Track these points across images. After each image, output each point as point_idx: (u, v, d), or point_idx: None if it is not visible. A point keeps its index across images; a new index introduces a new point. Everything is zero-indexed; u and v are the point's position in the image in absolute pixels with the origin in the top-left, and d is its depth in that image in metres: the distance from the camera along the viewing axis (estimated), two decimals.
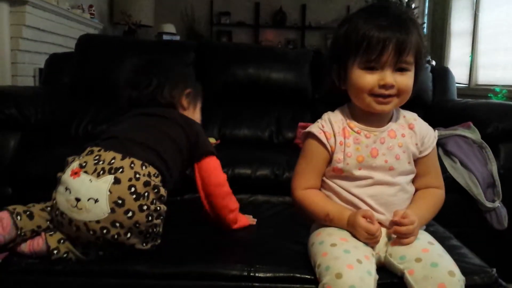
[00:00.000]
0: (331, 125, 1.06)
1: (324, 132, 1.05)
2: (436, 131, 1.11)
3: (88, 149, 1.08)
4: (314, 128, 1.07)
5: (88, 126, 2.40)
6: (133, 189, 0.98)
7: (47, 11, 3.55)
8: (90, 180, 0.99)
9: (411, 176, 1.08)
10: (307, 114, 2.58)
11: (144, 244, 1.04)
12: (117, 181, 0.98)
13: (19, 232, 1.03)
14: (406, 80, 0.99)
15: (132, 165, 1.02)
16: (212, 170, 1.18)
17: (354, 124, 1.06)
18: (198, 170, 1.19)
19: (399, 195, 1.05)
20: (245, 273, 1.01)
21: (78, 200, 0.98)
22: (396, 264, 0.95)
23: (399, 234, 0.97)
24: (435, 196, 1.09)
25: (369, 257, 0.95)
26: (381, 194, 1.03)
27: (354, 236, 1.00)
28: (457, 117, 2.15)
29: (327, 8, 6.49)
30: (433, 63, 4.29)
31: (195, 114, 1.32)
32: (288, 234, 1.21)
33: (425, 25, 5.19)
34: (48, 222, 1.07)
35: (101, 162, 1.02)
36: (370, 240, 0.98)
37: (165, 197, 1.05)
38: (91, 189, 0.98)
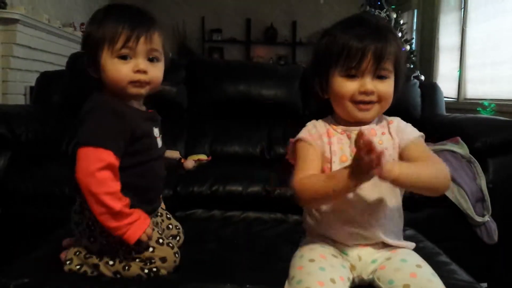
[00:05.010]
0: (316, 129, 1.10)
1: (311, 135, 1.09)
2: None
3: None
4: (302, 133, 1.10)
5: None
6: None
7: (38, 30, 3.57)
8: None
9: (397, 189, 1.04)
10: (298, 129, 2.58)
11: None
12: None
13: None
14: (385, 87, 1.02)
15: None
16: (78, 160, 1.02)
17: (336, 126, 1.09)
18: None
19: (384, 204, 1.01)
20: None
21: None
22: None
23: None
24: (431, 159, 1.00)
25: (343, 279, 0.94)
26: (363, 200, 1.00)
27: (333, 255, 1.00)
28: (446, 132, 2.17)
29: (317, 25, 6.56)
30: (422, 78, 4.34)
31: None
32: (280, 252, 1.20)
33: (413, 40, 5.25)
34: None
35: None
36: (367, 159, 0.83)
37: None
38: None
